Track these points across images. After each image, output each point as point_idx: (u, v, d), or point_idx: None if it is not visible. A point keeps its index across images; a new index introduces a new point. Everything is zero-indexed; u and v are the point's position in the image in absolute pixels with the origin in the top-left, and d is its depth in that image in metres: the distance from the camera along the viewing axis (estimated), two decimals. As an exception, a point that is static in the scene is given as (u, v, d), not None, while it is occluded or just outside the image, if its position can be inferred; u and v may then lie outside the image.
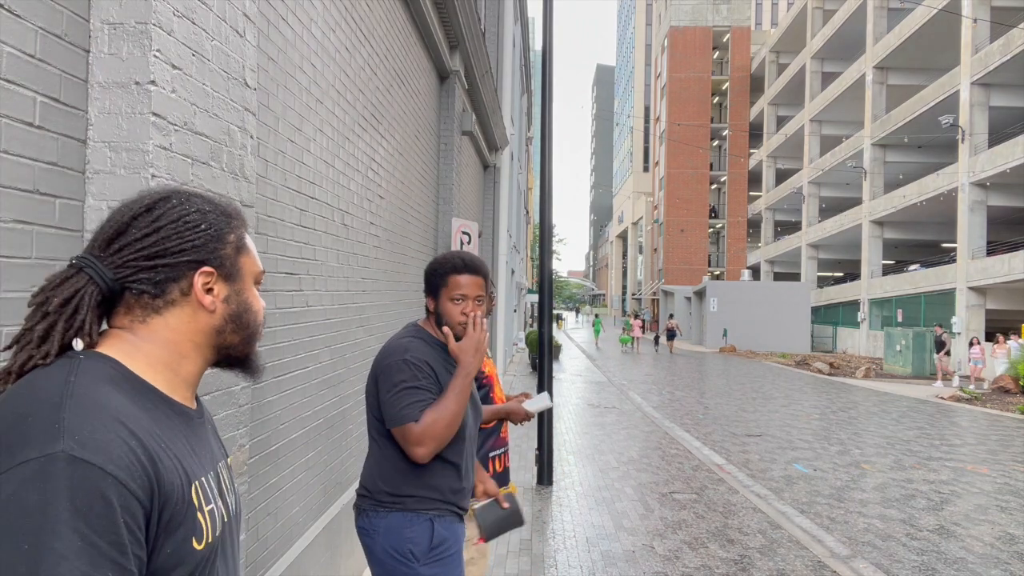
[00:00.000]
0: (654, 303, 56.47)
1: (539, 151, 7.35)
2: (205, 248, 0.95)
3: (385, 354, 2.17)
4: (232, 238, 0.99)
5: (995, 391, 16.04)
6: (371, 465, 2.21)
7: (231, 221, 1.00)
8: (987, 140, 22.72)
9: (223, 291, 0.97)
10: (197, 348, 0.97)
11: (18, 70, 1.51)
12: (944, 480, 7.48)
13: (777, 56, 46.01)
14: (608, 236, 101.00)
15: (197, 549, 0.87)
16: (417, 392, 2.07)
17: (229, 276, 0.97)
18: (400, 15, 5.26)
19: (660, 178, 56.32)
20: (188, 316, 0.95)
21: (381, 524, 2.12)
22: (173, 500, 0.83)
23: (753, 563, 4.86)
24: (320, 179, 3.41)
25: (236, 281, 0.98)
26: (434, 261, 2.29)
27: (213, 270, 0.95)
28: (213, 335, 0.97)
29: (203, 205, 0.98)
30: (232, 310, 0.98)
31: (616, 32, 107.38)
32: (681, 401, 13.74)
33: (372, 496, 2.16)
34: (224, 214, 1.00)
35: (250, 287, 1.01)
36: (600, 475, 7.33)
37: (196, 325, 0.95)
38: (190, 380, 0.98)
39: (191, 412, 0.97)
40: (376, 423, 2.18)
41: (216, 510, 0.93)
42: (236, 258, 0.99)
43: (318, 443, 3.52)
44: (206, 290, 0.95)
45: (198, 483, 0.90)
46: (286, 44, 2.93)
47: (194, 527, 0.87)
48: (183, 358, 0.95)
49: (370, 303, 4.47)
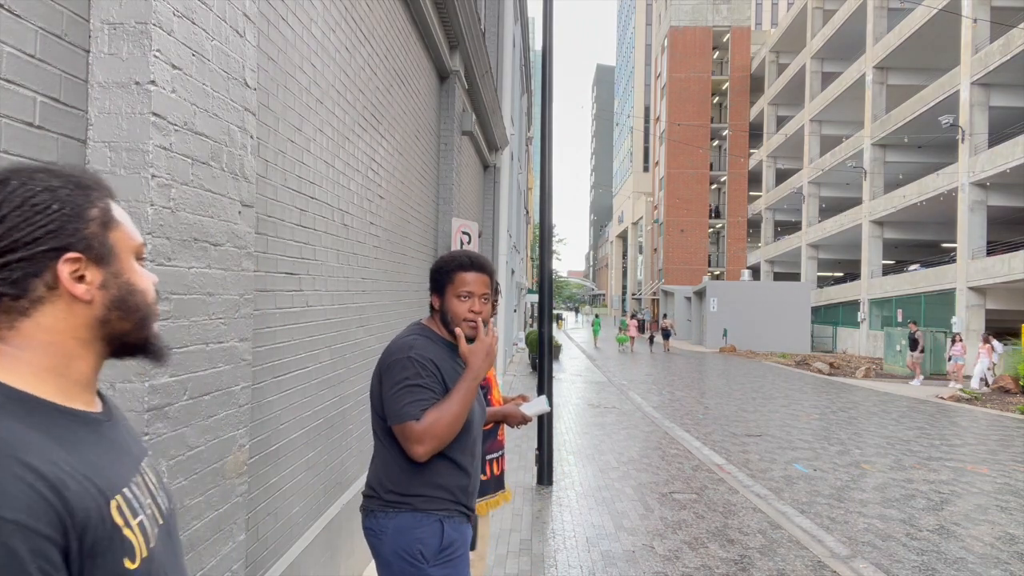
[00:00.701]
0: (654, 303, 56.48)
1: (539, 151, 7.36)
2: (63, 231, 0.81)
3: (390, 352, 2.15)
4: (94, 213, 0.84)
5: (995, 391, 16.04)
6: (377, 465, 2.18)
7: (89, 193, 0.85)
8: (987, 140, 22.72)
9: (97, 276, 0.84)
10: (84, 344, 0.84)
11: (18, 70, 1.51)
12: (944, 480, 7.48)
13: (777, 56, 46.01)
14: (608, 236, 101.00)
15: (131, 569, 0.79)
16: (420, 390, 2.05)
17: (100, 258, 0.84)
18: (400, 15, 5.26)
19: (660, 178, 56.32)
20: (63, 312, 0.82)
21: (390, 525, 2.09)
22: (92, 525, 0.75)
23: (753, 563, 4.86)
24: (320, 179, 3.41)
25: (111, 262, 0.85)
26: (440, 259, 2.27)
27: (79, 255, 0.82)
28: (98, 327, 0.84)
29: (51, 181, 0.83)
30: (114, 295, 0.85)
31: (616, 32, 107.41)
32: (681, 401, 13.74)
33: (379, 496, 2.13)
34: (79, 186, 0.85)
35: (130, 265, 0.88)
36: (600, 475, 7.33)
37: (75, 320, 0.83)
38: (85, 381, 0.86)
39: (97, 417, 0.86)
40: (381, 422, 2.15)
41: (147, 520, 0.85)
42: (104, 235, 0.85)
43: (318, 443, 3.52)
44: (76, 279, 0.82)
45: (119, 497, 0.81)
46: (286, 44, 2.93)
47: (123, 546, 0.79)
48: (71, 359, 0.84)
49: (370, 303, 4.47)
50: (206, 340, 2.06)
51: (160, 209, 1.82)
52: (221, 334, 2.15)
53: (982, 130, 22.75)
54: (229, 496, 2.22)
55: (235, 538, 2.25)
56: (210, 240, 2.07)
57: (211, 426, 2.09)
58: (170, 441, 1.88)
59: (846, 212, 32.46)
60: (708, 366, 23.17)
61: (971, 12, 22.86)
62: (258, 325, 2.69)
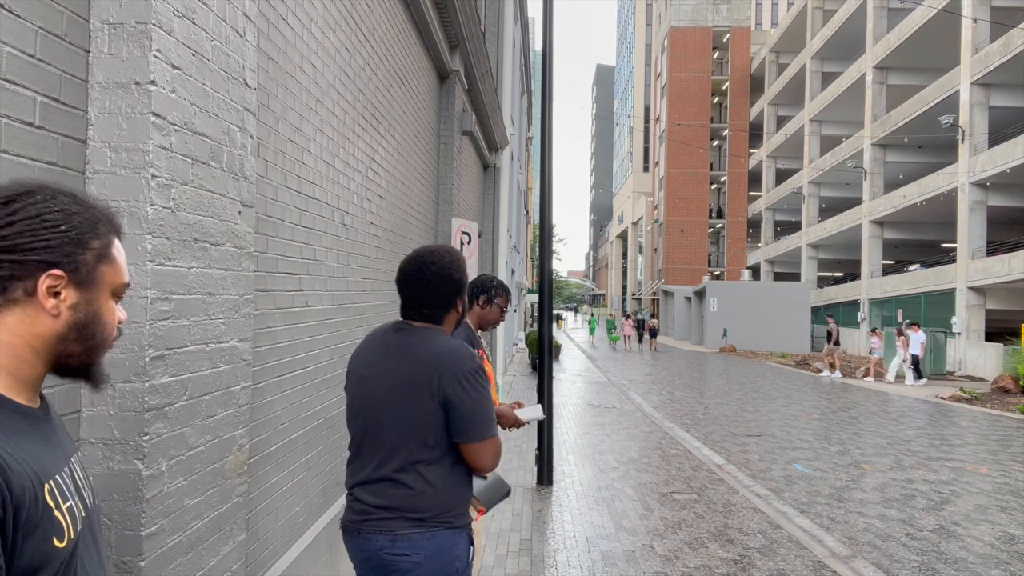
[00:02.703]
0: (654, 303, 56.46)
1: (539, 151, 7.35)
2: (60, 250, 0.91)
3: (460, 358, 1.94)
4: (96, 245, 0.95)
5: (995, 391, 16.04)
6: (411, 493, 1.94)
7: (98, 227, 0.96)
8: (987, 140, 22.71)
9: (71, 297, 0.92)
10: (36, 354, 0.92)
11: (18, 70, 1.51)
12: (944, 480, 7.48)
13: (777, 56, 46.00)
14: (608, 236, 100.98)
15: (59, 547, 0.87)
16: None
17: (82, 283, 0.93)
18: (400, 15, 5.26)
19: (660, 178, 56.30)
20: (29, 318, 0.90)
21: (429, 545, 1.92)
22: (26, 503, 0.82)
23: (753, 563, 4.86)
24: (320, 179, 3.41)
25: (89, 289, 0.94)
26: (459, 263, 2.13)
27: (63, 274, 0.91)
28: (54, 342, 0.92)
29: (70, 206, 0.93)
30: (78, 318, 0.93)
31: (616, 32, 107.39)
32: (681, 401, 13.74)
33: (415, 519, 1.93)
34: (92, 219, 0.96)
35: (106, 298, 0.97)
36: (600, 475, 7.33)
37: (36, 329, 0.91)
38: (30, 383, 0.94)
39: (36, 412, 0.94)
40: (425, 449, 1.93)
41: (75, 506, 0.93)
42: (95, 266, 0.95)
43: (318, 443, 3.51)
44: (52, 293, 0.91)
45: (52, 483, 0.89)
46: (286, 44, 2.93)
47: (52, 526, 0.86)
48: (21, 362, 0.91)
49: (370, 303, 4.46)
50: (206, 340, 2.06)
51: (160, 209, 1.82)
52: (221, 334, 2.15)
53: (982, 130, 22.75)
54: (229, 496, 2.22)
55: (235, 538, 2.25)
56: (210, 240, 2.07)
57: (211, 426, 2.09)
58: (170, 441, 1.88)
59: (846, 212, 32.44)
60: (708, 366, 23.17)
61: (971, 12, 22.86)
62: (258, 325, 2.68)
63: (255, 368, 2.64)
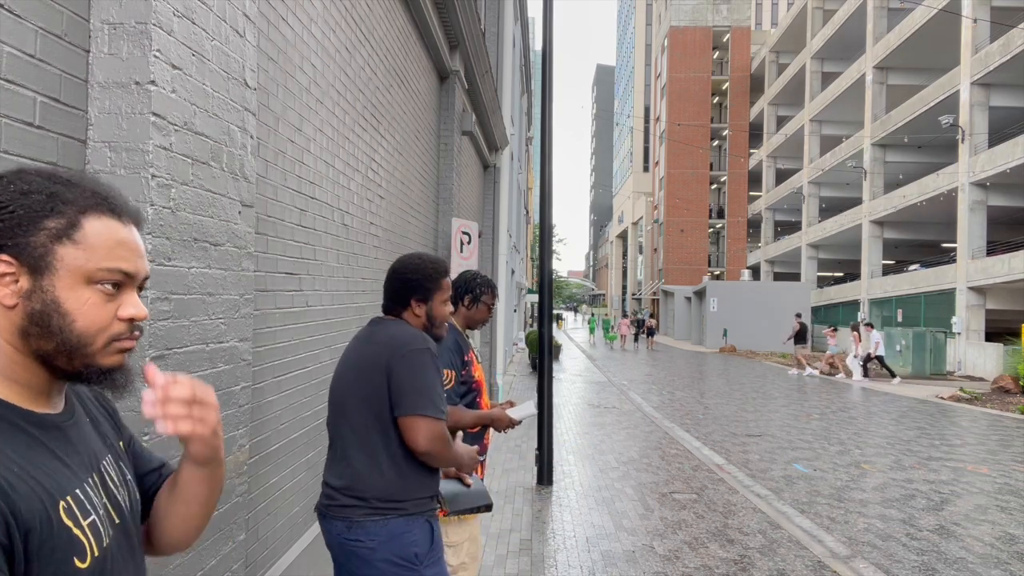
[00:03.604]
0: (654, 303, 56.47)
1: (539, 151, 7.35)
2: (5, 232, 0.81)
3: (402, 342, 2.08)
4: (52, 224, 0.83)
5: (995, 391, 16.04)
6: (362, 470, 2.06)
7: (59, 205, 0.84)
8: (987, 140, 22.71)
9: (25, 284, 0.82)
10: (20, 353, 0.84)
11: (18, 70, 1.51)
12: (944, 480, 7.48)
13: (777, 56, 46.00)
14: (608, 236, 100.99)
15: (81, 567, 0.80)
16: (441, 389, 2.10)
17: (34, 268, 0.82)
18: (400, 15, 5.26)
19: (660, 178, 56.30)
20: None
21: (382, 532, 2.03)
22: (37, 527, 0.75)
23: (753, 563, 4.86)
24: (320, 179, 3.41)
25: (45, 275, 0.82)
26: (416, 266, 2.26)
27: (11, 259, 0.81)
28: (20, 337, 0.83)
29: (32, 185, 0.83)
30: (35, 309, 0.82)
31: (616, 32, 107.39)
32: (681, 401, 13.74)
33: (366, 503, 2.05)
34: (58, 197, 0.84)
35: (70, 285, 0.83)
36: (600, 475, 7.33)
37: (4, 322, 0.83)
38: (35, 386, 0.85)
39: (51, 418, 0.86)
40: (373, 417, 2.06)
41: (100, 520, 0.85)
42: (51, 247, 0.82)
43: (318, 443, 3.51)
44: (10, 281, 0.82)
45: (70, 498, 0.81)
46: (286, 44, 2.93)
47: (72, 546, 0.80)
48: (12, 363, 0.83)
49: (370, 303, 4.46)
50: (206, 340, 2.06)
51: (160, 209, 1.82)
52: (221, 334, 2.15)
53: (982, 130, 22.75)
54: (229, 496, 2.22)
55: (235, 538, 2.25)
56: (210, 240, 2.07)
57: (211, 426, 2.09)
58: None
59: (846, 212, 32.45)
60: (708, 366, 23.17)
61: (971, 12, 22.86)
62: (258, 325, 2.68)
63: (255, 368, 2.64)
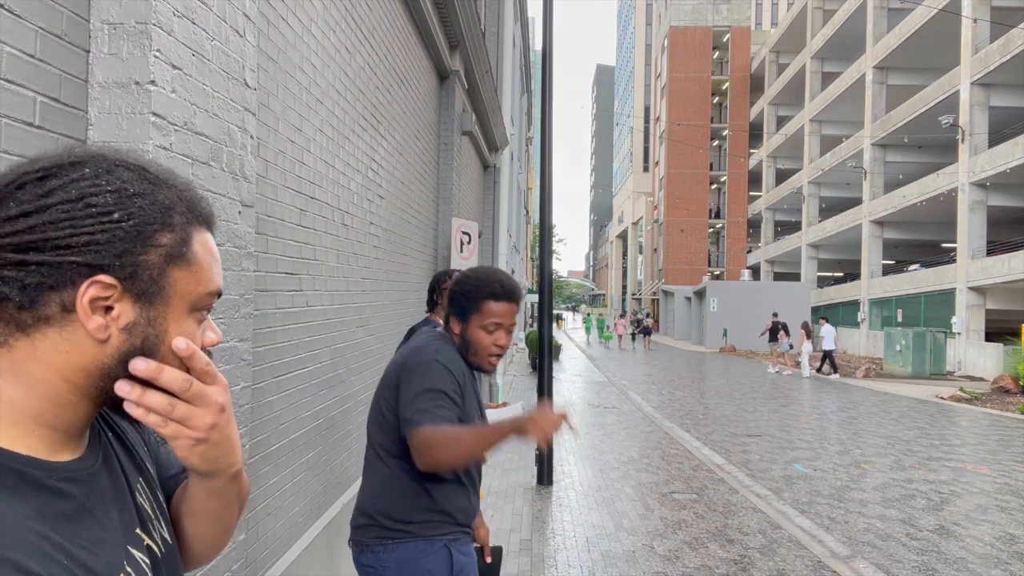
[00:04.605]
0: (654, 303, 56.47)
1: (539, 151, 7.35)
2: (110, 248, 0.63)
3: (413, 354, 1.95)
4: (166, 240, 0.66)
5: (995, 391, 16.04)
6: (374, 489, 1.95)
7: (171, 215, 0.67)
8: (987, 140, 22.71)
9: (128, 315, 0.64)
10: (77, 391, 0.64)
11: (18, 70, 1.51)
12: (944, 480, 7.48)
13: (777, 56, 46.00)
14: (608, 236, 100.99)
15: None
16: (445, 398, 1.85)
17: (143, 295, 0.65)
18: (400, 15, 5.26)
19: (660, 178, 56.30)
20: (66, 344, 0.63)
21: (391, 558, 1.88)
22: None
23: (753, 563, 4.86)
24: (320, 179, 3.41)
25: (154, 304, 0.66)
26: (466, 280, 2.00)
27: (116, 281, 0.63)
28: (99, 377, 0.64)
29: (131, 184, 0.65)
30: (133, 345, 0.64)
31: (616, 32, 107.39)
32: (681, 401, 13.74)
33: (377, 525, 1.92)
34: (163, 203, 0.67)
35: (179, 316, 0.68)
36: (600, 475, 7.33)
37: (76, 359, 0.63)
38: (75, 431, 0.67)
39: (84, 464, 0.67)
40: (387, 437, 1.94)
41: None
42: (164, 270, 0.66)
43: (318, 443, 3.51)
44: (99, 309, 0.63)
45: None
46: (286, 44, 2.93)
47: None
48: (61, 407, 0.64)
49: (370, 303, 4.46)
50: (206, 340, 2.06)
51: (160, 209, 1.81)
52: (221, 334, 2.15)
53: (982, 130, 22.74)
54: (229, 496, 2.21)
55: (235, 538, 2.25)
56: (210, 240, 2.07)
57: (211, 426, 2.09)
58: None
59: (846, 212, 32.45)
60: (708, 366, 23.17)
61: (971, 12, 22.86)
62: (258, 325, 2.68)
63: (255, 368, 2.64)
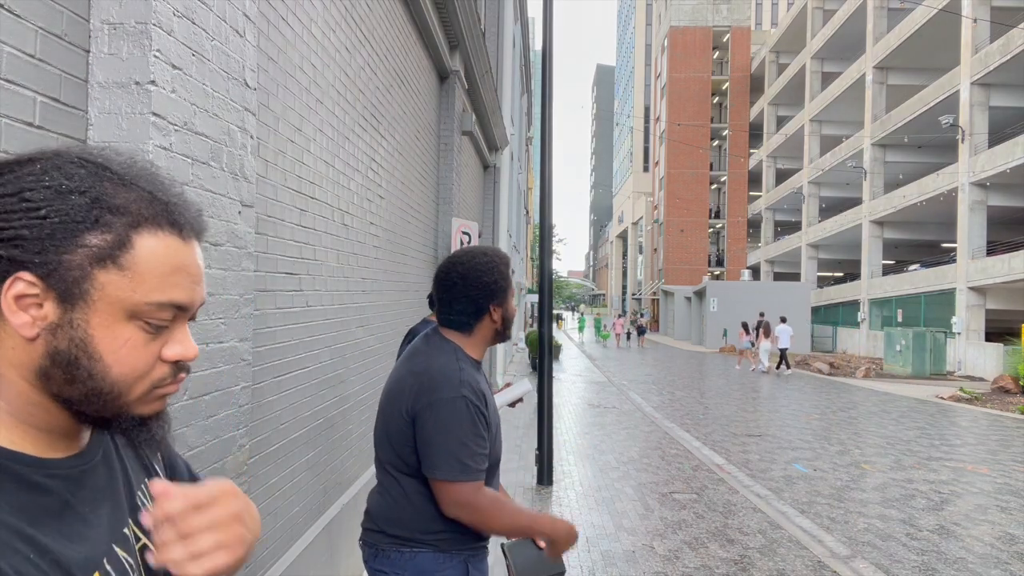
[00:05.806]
0: (654, 303, 56.47)
1: (539, 151, 7.36)
2: (33, 244, 0.60)
3: (434, 383, 1.83)
4: (95, 241, 0.62)
5: (995, 391, 16.04)
6: (389, 501, 1.91)
7: (106, 215, 0.63)
8: (987, 140, 22.71)
9: (52, 315, 0.62)
10: (40, 393, 0.64)
11: (18, 70, 1.51)
12: (944, 480, 7.48)
13: (777, 56, 46.00)
14: (608, 236, 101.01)
15: None
16: (480, 444, 1.80)
17: (67, 295, 0.62)
18: (400, 15, 5.26)
19: (660, 178, 56.31)
20: (10, 340, 0.62)
21: (408, 566, 1.84)
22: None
23: (753, 563, 4.86)
24: (320, 179, 3.41)
25: (77, 306, 0.62)
26: (488, 268, 1.96)
27: (36, 279, 0.61)
28: (38, 378, 0.62)
29: (77, 183, 0.62)
30: (58, 348, 0.62)
31: (616, 32, 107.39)
32: (681, 401, 13.74)
33: (394, 535, 1.88)
34: (102, 202, 0.63)
35: (107, 322, 0.63)
36: (600, 475, 7.33)
37: (21, 356, 0.62)
38: (65, 430, 0.66)
39: (75, 462, 0.67)
40: (396, 459, 1.88)
41: (132, 570, 0.69)
42: (89, 271, 0.62)
43: (318, 443, 3.52)
44: (34, 306, 0.61)
45: (98, 574, 0.64)
46: (286, 44, 2.93)
47: None
48: (32, 406, 0.64)
49: (370, 303, 4.47)
50: (206, 340, 2.06)
51: (160, 209, 1.81)
52: (221, 334, 2.15)
53: (982, 130, 22.74)
54: (229, 496, 2.21)
55: (235, 538, 2.25)
56: (210, 240, 2.07)
57: (211, 426, 2.09)
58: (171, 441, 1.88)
59: (846, 212, 32.45)
60: (708, 366, 23.17)
61: (971, 12, 22.86)
62: (258, 325, 2.68)
63: (255, 368, 2.64)
